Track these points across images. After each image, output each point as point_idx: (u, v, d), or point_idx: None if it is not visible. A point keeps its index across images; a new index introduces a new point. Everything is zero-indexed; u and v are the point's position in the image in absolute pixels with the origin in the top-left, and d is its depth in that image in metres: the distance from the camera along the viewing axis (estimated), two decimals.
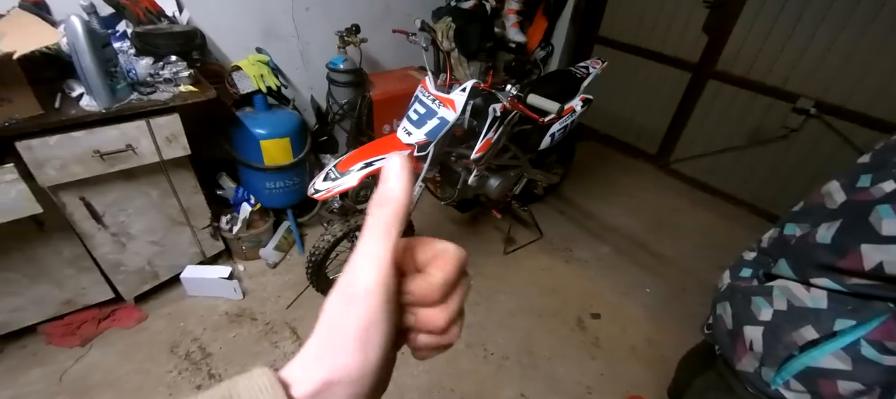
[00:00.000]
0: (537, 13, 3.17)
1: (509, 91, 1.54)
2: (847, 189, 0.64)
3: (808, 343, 0.61)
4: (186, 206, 1.84)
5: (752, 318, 0.70)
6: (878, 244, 0.55)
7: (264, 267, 2.20)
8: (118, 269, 1.78)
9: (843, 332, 0.59)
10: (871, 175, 0.61)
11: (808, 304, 0.63)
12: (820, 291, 0.63)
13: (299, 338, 1.88)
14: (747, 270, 0.79)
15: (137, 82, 1.53)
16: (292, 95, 2.33)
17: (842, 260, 0.59)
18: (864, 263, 0.56)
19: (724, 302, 0.79)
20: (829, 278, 0.61)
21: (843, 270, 0.59)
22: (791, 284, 0.67)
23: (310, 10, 2.32)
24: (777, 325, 0.66)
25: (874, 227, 0.56)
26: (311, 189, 1.50)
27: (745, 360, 0.71)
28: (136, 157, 1.53)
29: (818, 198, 0.70)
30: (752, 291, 0.73)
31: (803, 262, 0.66)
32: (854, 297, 0.60)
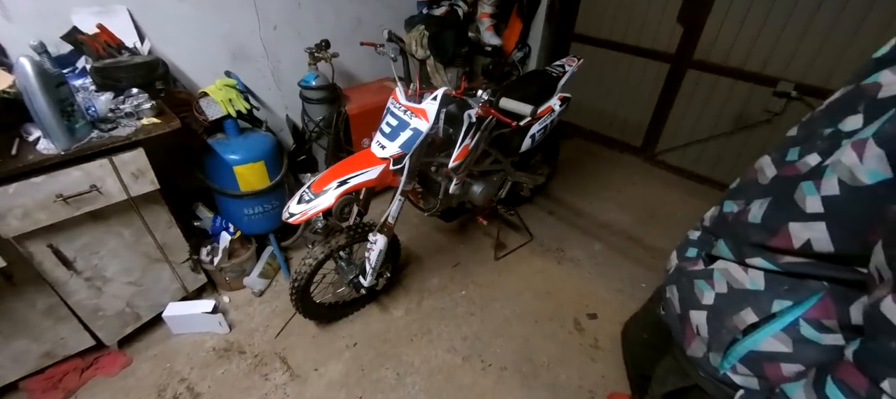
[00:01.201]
0: (512, 15, 3.16)
1: (480, 96, 1.50)
2: (777, 163, 0.64)
3: (750, 326, 0.60)
4: (162, 242, 1.78)
5: (696, 303, 0.69)
6: (805, 222, 0.53)
7: (250, 296, 2.14)
8: (97, 315, 1.71)
9: (781, 313, 0.58)
10: (798, 148, 0.60)
11: (747, 285, 0.62)
12: (757, 272, 0.62)
13: (290, 368, 1.82)
14: (693, 250, 0.78)
15: (98, 119, 1.47)
16: (265, 117, 2.28)
17: (772, 238, 0.58)
18: (792, 242, 0.55)
19: (672, 285, 0.78)
20: (762, 258, 0.60)
21: (774, 249, 0.58)
22: (730, 266, 0.66)
23: (278, 29, 2.28)
24: (719, 309, 0.65)
25: (799, 204, 0.54)
26: (286, 213, 1.46)
27: (694, 345, 0.70)
28: (103, 197, 1.47)
29: (752, 173, 0.69)
30: (696, 275, 0.72)
31: (739, 242, 0.65)
32: (789, 276, 0.58)
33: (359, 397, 1.73)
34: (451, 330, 2.02)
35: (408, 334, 2.00)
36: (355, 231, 1.73)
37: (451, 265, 2.38)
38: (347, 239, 1.71)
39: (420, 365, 1.87)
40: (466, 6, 2.83)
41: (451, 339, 1.98)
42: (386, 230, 1.71)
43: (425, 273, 2.32)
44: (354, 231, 1.73)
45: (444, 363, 1.88)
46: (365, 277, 1.80)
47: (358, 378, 1.80)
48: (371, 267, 1.75)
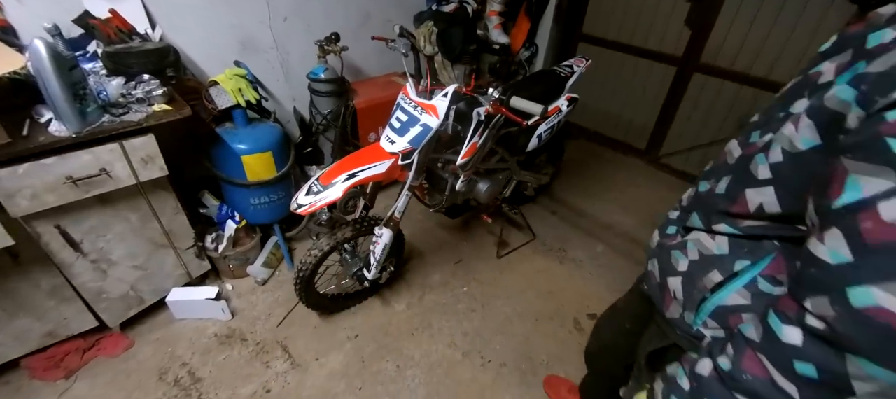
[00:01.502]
0: (520, 14, 3.16)
1: (491, 94, 1.51)
2: (742, 145, 0.73)
3: (716, 285, 0.70)
4: (168, 228, 1.79)
5: (673, 271, 0.79)
6: (758, 187, 0.63)
7: (253, 285, 2.15)
8: (100, 297, 1.72)
9: (741, 271, 0.67)
10: (759, 131, 0.69)
11: (715, 251, 0.72)
12: (722, 238, 0.71)
13: (291, 357, 1.84)
14: (672, 228, 0.88)
15: (109, 104, 1.48)
16: (273, 108, 2.29)
17: (733, 205, 0.68)
18: (749, 206, 0.65)
19: (653, 258, 0.87)
20: (726, 223, 0.70)
21: (735, 214, 0.69)
22: (701, 236, 0.76)
23: (288, 21, 2.29)
24: (692, 274, 0.74)
25: (753, 173, 0.64)
26: (294, 204, 1.46)
27: (672, 308, 0.80)
28: (112, 180, 1.48)
29: (723, 156, 0.79)
30: (673, 246, 0.81)
31: (708, 212, 0.75)
32: (747, 239, 0.68)
33: (359, 388, 1.75)
34: (451, 325, 2.04)
35: (409, 328, 2.01)
36: (361, 224, 1.74)
37: (454, 262, 2.39)
38: (354, 231, 1.72)
39: (420, 359, 1.88)
40: (476, 3, 2.84)
41: (451, 334, 2.00)
42: (392, 224, 1.72)
43: (428, 268, 2.33)
44: (361, 224, 1.74)
45: (444, 358, 1.89)
46: (369, 270, 1.81)
47: (358, 369, 1.82)
48: (375, 260, 1.76)
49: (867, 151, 0.46)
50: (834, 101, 0.51)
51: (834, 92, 0.52)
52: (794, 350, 0.51)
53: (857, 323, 0.45)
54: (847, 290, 0.45)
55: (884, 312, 0.43)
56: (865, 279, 0.44)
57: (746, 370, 0.56)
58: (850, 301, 0.45)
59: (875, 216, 0.44)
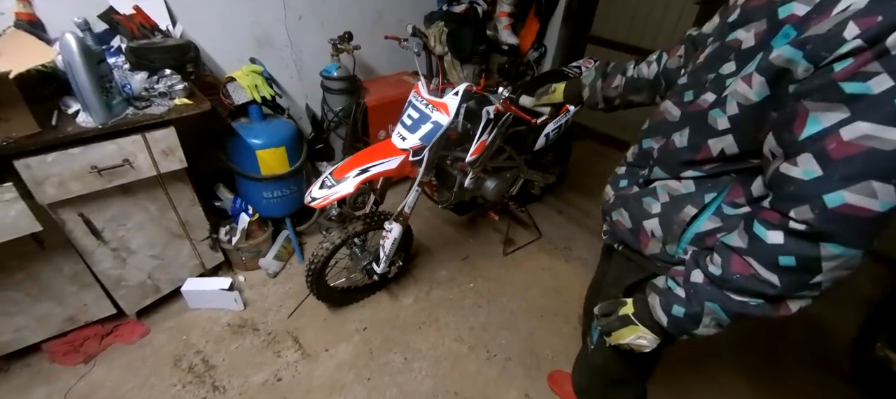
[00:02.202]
0: (529, 15, 3.19)
1: (501, 93, 1.55)
2: (679, 105, 0.86)
3: (692, 218, 0.84)
4: (185, 219, 1.85)
5: (647, 214, 0.91)
6: (719, 137, 0.77)
7: (265, 277, 2.20)
8: (119, 285, 1.78)
9: (710, 202, 0.82)
10: (691, 91, 0.83)
11: (683, 191, 0.86)
12: (689, 180, 0.85)
13: (302, 347, 1.89)
14: (624, 181, 1.01)
15: (133, 97, 1.54)
16: (287, 104, 2.34)
17: (697, 154, 0.81)
18: (712, 152, 0.79)
19: (619, 208, 0.99)
20: (692, 169, 0.84)
21: (699, 161, 0.82)
22: (668, 182, 0.89)
23: (303, 19, 2.34)
24: (667, 213, 0.87)
25: (713, 126, 0.77)
26: (308, 197, 1.51)
27: (650, 246, 0.92)
28: (134, 171, 1.53)
29: (660, 115, 0.92)
30: (642, 194, 0.93)
31: (672, 164, 0.87)
32: (710, 177, 0.82)
33: (367, 379, 1.79)
34: (458, 320, 2.08)
35: (416, 322, 2.05)
36: (372, 219, 1.78)
37: (461, 258, 2.43)
38: (364, 226, 1.76)
39: (427, 351, 1.92)
40: (486, 4, 2.87)
41: (458, 328, 2.04)
42: (401, 219, 1.77)
43: (435, 264, 2.37)
44: (371, 219, 1.78)
45: (451, 351, 1.93)
46: (378, 264, 1.85)
47: (367, 360, 1.86)
48: (385, 254, 1.80)
49: (823, 93, 0.59)
50: (781, 59, 0.64)
51: (779, 53, 0.64)
52: (778, 248, 0.65)
53: (831, 219, 0.59)
54: (822, 196, 0.59)
55: (851, 207, 0.58)
56: (836, 186, 0.58)
57: (735, 271, 0.71)
58: (825, 204, 0.59)
59: (838, 138, 0.57)
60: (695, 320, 0.78)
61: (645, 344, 0.87)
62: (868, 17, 0.54)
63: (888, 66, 0.53)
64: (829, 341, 1.83)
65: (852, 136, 0.56)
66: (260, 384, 1.73)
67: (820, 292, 0.66)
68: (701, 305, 0.76)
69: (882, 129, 0.54)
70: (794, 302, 0.69)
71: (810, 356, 2.02)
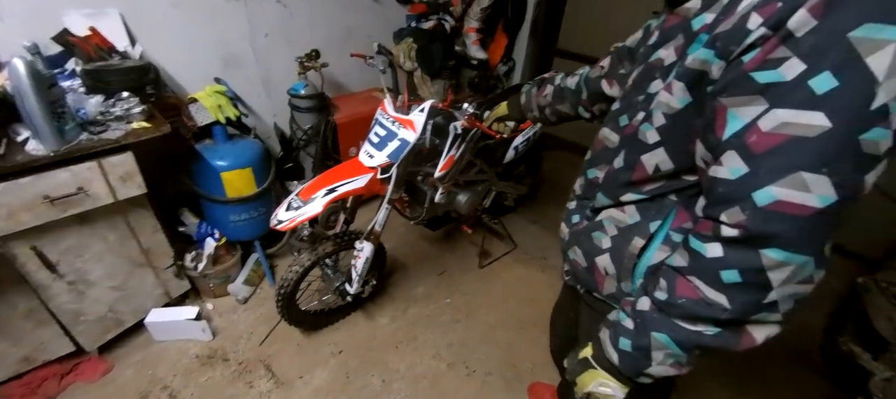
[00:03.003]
0: (497, 30, 3.25)
1: (466, 109, 1.56)
2: (616, 130, 0.84)
3: (640, 249, 0.78)
4: (147, 247, 1.78)
5: (598, 250, 0.86)
6: (650, 152, 0.73)
7: (234, 303, 2.13)
8: (78, 320, 1.69)
9: (656, 231, 0.77)
10: (625, 115, 0.82)
11: (629, 221, 0.81)
12: (631, 207, 0.81)
13: (275, 375, 1.82)
14: (576, 216, 0.96)
15: (87, 122, 1.48)
16: (254, 124, 2.30)
17: (633, 173, 0.78)
18: (647, 169, 0.75)
19: (574, 246, 0.93)
20: (631, 191, 0.80)
21: (636, 182, 0.78)
22: (613, 212, 0.84)
23: (269, 37, 2.31)
24: (617, 247, 0.82)
25: (643, 141, 0.74)
26: (274, 220, 1.48)
27: (606, 284, 0.87)
28: (90, 199, 1.47)
29: (600, 143, 0.89)
30: (591, 228, 0.88)
31: (613, 187, 0.83)
32: (651, 201, 0.78)
33: None
34: (436, 337, 2.05)
35: (393, 341, 2.02)
36: (342, 239, 1.75)
37: (437, 273, 2.41)
38: (334, 246, 1.73)
39: (405, 371, 1.89)
40: (453, 20, 2.91)
41: (436, 345, 2.01)
42: (372, 238, 1.74)
43: (411, 281, 2.35)
44: (341, 239, 1.75)
45: (430, 369, 1.90)
46: (351, 285, 1.82)
47: (343, 385, 1.81)
48: (357, 274, 1.77)
49: (737, 87, 0.56)
50: (697, 61, 0.62)
51: (693, 56, 0.63)
52: (718, 261, 0.59)
53: (765, 219, 0.54)
54: (751, 194, 0.55)
55: (783, 204, 0.53)
56: (763, 181, 0.54)
57: (681, 295, 0.64)
58: (755, 203, 0.54)
59: (758, 130, 0.54)
60: (644, 355, 0.69)
61: (609, 392, 0.77)
62: (768, 5, 0.53)
63: (796, 49, 0.51)
64: (801, 334, 1.88)
65: (771, 125, 0.53)
66: None
67: (782, 315, 0.60)
68: (648, 336, 0.68)
69: (801, 114, 0.50)
70: (757, 329, 0.62)
71: (783, 349, 2.06)
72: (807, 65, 0.50)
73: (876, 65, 0.46)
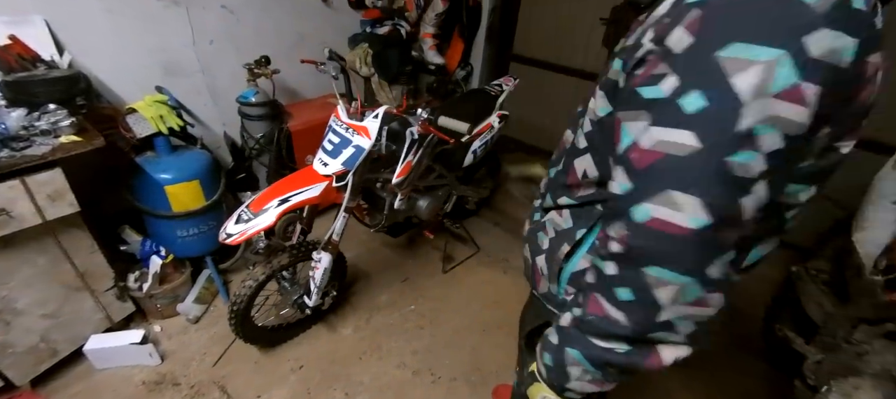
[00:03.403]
0: (454, 35, 3.26)
1: (420, 115, 1.55)
2: (574, 132, 0.82)
3: (566, 255, 0.78)
4: (83, 269, 1.65)
5: (539, 250, 0.86)
6: (580, 157, 0.73)
7: (185, 323, 2.02)
8: (5, 352, 1.54)
9: (582, 238, 0.76)
10: (587, 118, 0.79)
11: (563, 226, 0.80)
12: (566, 211, 0.80)
13: (230, 397, 1.74)
14: (537, 215, 0.95)
15: (8, 137, 1.36)
16: (201, 134, 2.19)
17: (567, 177, 0.77)
18: (577, 174, 0.74)
19: (525, 244, 0.94)
20: (566, 196, 0.79)
21: (570, 185, 0.77)
22: (553, 214, 0.84)
23: (214, 44, 2.22)
24: (552, 249, 0.82)
25: (576, 145, 0.75)
26: (223, 234, 1.41)
27: (541, 284, 0.87)
28: (14, 221, 1.35)
29: (563, 144, 0.88)
30: (536, 229, 0.89)
31: (554, 189, 0.83)
32: (581, 207, 0.77)
33: None
34: (400, 345, 2.02)
35: (357, 353, 1.97)
36: (299, 250, 1.70)
37: (400, 280, 2.38)
38: (290, 258, 1.67)
39: (370, 383, 1.85)
40: (409, 26, 2.90)
41: (401, 354, 1.98)
42: (331, 248, 1.70)
43: (374, 290, 2.31)
44: (298, 250, 1.70)
45: (395, 379, 1.87)
46: (310, 297, 1.77)
47: None
48: (316, 286, 1.72)
49: (629, 102, 0.56)
50: (613, 72, 0.62)
51: (611, 65, 0.63)
52: (612, 279, 0.59)
53: (641, 235, 0.54)
54: (630, 210, 0.54)
55: (657, 222, 0.52)
56: (641, 198, 0.53)
57: (592, 312, 0.64)
58: (633, 218, 0.54)
59: (638, 147, 0.53)
60: (562, 370, 0.69)
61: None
62: (661, 22, 0.52)
63: (673, 66, 0.50)
64: (745, 321, 1.98)
65: (649, 143, 0.52)
66: None
67: (685, 337, 0.59)
68: (564, 352, 0.68)
69: (673, 132, 0.49)
70: (664, 349, 0.61)
71: (728, 335, 2.17)
72: (680, 83, 0.49)
73: (741, 85, 0.45)
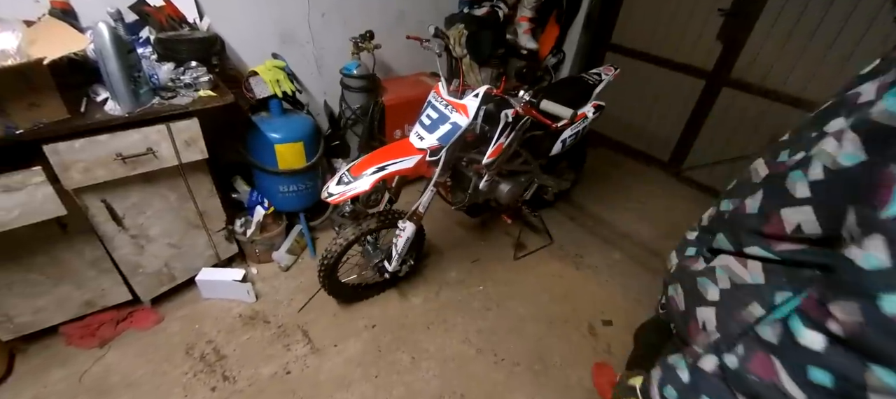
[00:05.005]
0: (549, 20, 3.18)
1: (522, 97, 1.55)
2: (769, 164, 0.70)
3: (758, 319, 0.63)
4: (202, 210, 1.88)
5: (702, 299, 0.73)
6: (795, 206, 0.59)
7: (277, 270, 2.23)
8: (136, 271, 1.81)
9: (782, 304, 0.61)
10: (788, 150, 0.67)
11: (748, 280, 0.66)
12: (755, 264, 0.66)
13: (311, 341, 1.90)
14: (692, 249, 0.84)
15: (159, 87, 1.57)
16: (307, 100, 2.37)
17: (767, 225, 0.64)
18: (785, 226, 0.61)
19: (676, 283, 0.82)
20: (759, 246, 0.65)
21: (769, 235, 0.64)
22: (730, 261, 0.70)
23: (325, 17, 2.36)
24: (726, 305, 0.68)
25: (790, 191, 0.61)
26: (325, 193, 1.52)
27: (700, 340, 0.73)
28: (157, 160, 1.56)
29: (747, 174, 0.75)
30: (698, 273, 0.76)
31: (737, 232, 0.70)
32: (783, 265, 0.63)
33: (375, 376, 1.80)
34: (466, 322, 2.08)
35: (424, 322, 2.06)
36: (386, 217, 1.79)
37: (471, 260, 2.43)
38: (378, 223, 1.78)
39: (435, 352, 1.92)
40: (507, 8, 2.87)
41: (465, 331, 2.03)
42: (415, 219, 1.77)
43: (445, 265, 2.38)
44: (385, 217, 1.79)
45: (458, 353, 1.93)
46: (390, 262, 1.86)
47: (374, 357, 1.87)
48: (397, 253, 1.81)
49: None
50: (885, 115, 0.49)
51: (883, 106, 0.50)
52: (812, 356, 0.49)
53: (886, 331, 0.43)
54: (880, 296, 0.44)
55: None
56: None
57: (753, 371, 0.55)
58: (881, 308, 0.43)
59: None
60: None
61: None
62: None
63: None
64: None
65: None
66: (269, 376, 1.75)
67: None
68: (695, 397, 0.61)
69: None
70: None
71: None
72: None
73: None
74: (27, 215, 1.34)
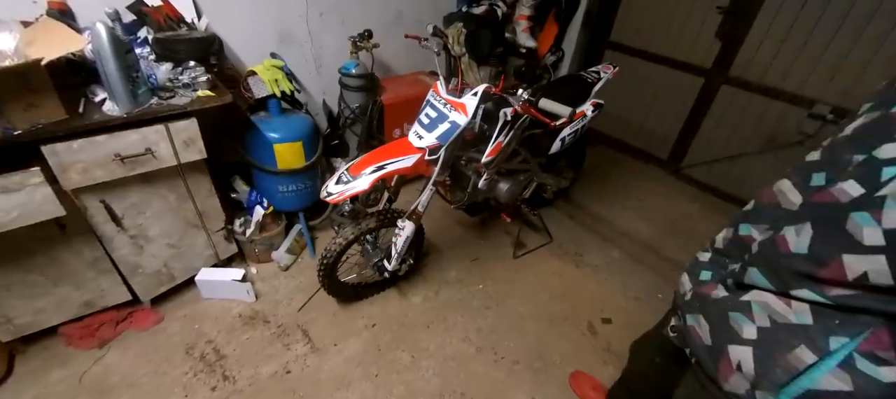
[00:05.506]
0: (548, 19, 3.18)
1: (521, 95, 1.55)
2: (801, 188, 0.63)
3: (808, 367, 0.59)
4: (202, 209, 1.88)
5: (735, 337, 0.67)
6: (862, 254, 0.53)
7: (276, 269, 2.23)
8: (136, 272, 1.82)
9: (837, 350, 0.56)
10: (824, 173, 0.60)
11: (792, 319, 0.61)
12: (802, 305, 0.60)
13: (311, 340, 1.90)
14: (706, 273, 0.78)
15: (157, 87, 1.57)
16: (305, 100, 2.37)
17: (822, 270, 0.57)
18: (846, 274, 0.55)
19: (697, 314, 0.76)
20: (809, 289, 0.59)
21: (823, 280, 0.57)
22: (769, 298, 0.65)
23: (324, 16, 2.36)
24: (767, 347, 0.63)
25: (855, 236, 0.54)
26: (324, 192, 1.52)
27: (733, 381, 0.68)
28: (155, 160, 1.56)
29: (771, 196, 0.68)
30: (729, 306, 0.70)
31: (780, 272, 0.63)
32: (839, 310, 0.57)
33: (375, 375, 1.80)
34: (466, 321, 2.08)
35: (424, 321, 2.06)
36: (385, 216, 1.80)
37: (470, 259, 2.43)
38: (378, 223, 1.78)
39: (435, 351, 1.93)
40: (505, 6, 2.87)
41: (465, 329, 2.04)
42: (414, 218, 1.77)
43: (444, 264, 2.38)
44: (385, 216, 1.79)
45: (458, 351, 1.93)
46: (389, 261, 1.87)
47: (374, 356, 1.87)
48: (396, 252, 1.81)
49: None
50: None
51: None
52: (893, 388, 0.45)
53: None
54: None
55: None
56: None
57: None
58: None
59: None
60: None
61: None
62: None
63: None
64: None
65: None
66: (269, 376, 1.75)
67: None
68: None
69: None
70: None
71: None
72: None
73: None
74: (26, 216, 1.34)
